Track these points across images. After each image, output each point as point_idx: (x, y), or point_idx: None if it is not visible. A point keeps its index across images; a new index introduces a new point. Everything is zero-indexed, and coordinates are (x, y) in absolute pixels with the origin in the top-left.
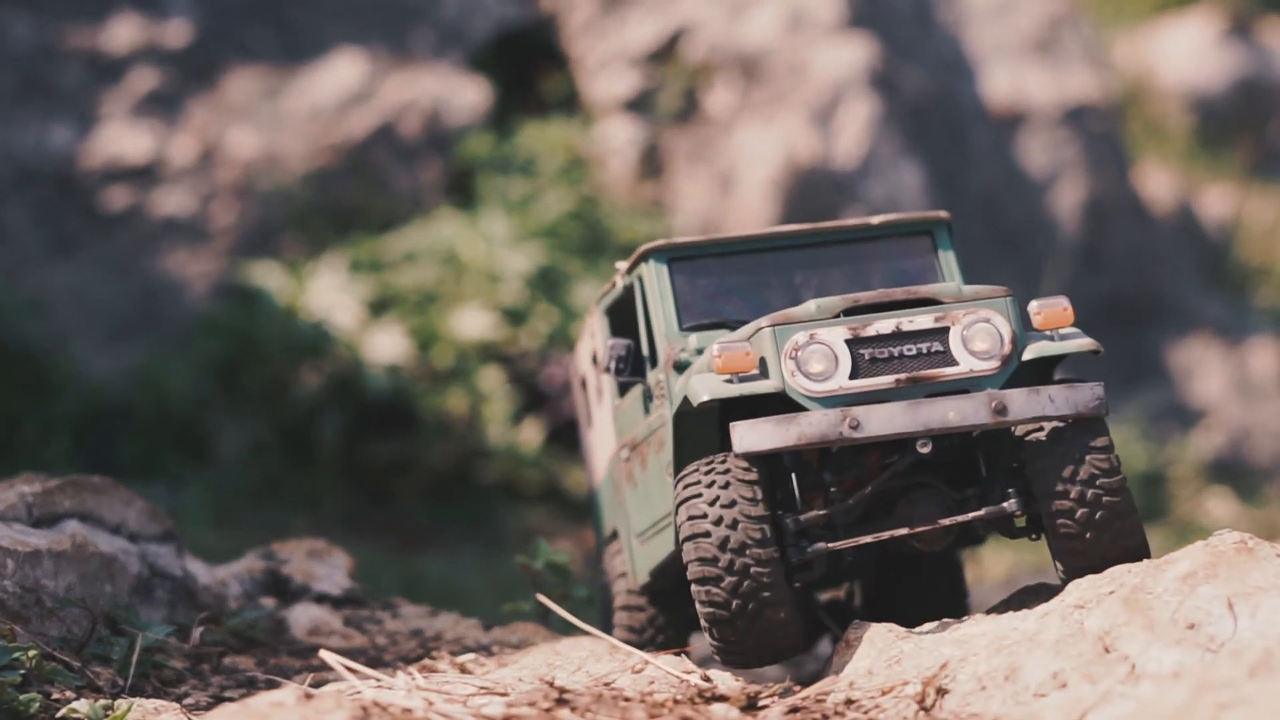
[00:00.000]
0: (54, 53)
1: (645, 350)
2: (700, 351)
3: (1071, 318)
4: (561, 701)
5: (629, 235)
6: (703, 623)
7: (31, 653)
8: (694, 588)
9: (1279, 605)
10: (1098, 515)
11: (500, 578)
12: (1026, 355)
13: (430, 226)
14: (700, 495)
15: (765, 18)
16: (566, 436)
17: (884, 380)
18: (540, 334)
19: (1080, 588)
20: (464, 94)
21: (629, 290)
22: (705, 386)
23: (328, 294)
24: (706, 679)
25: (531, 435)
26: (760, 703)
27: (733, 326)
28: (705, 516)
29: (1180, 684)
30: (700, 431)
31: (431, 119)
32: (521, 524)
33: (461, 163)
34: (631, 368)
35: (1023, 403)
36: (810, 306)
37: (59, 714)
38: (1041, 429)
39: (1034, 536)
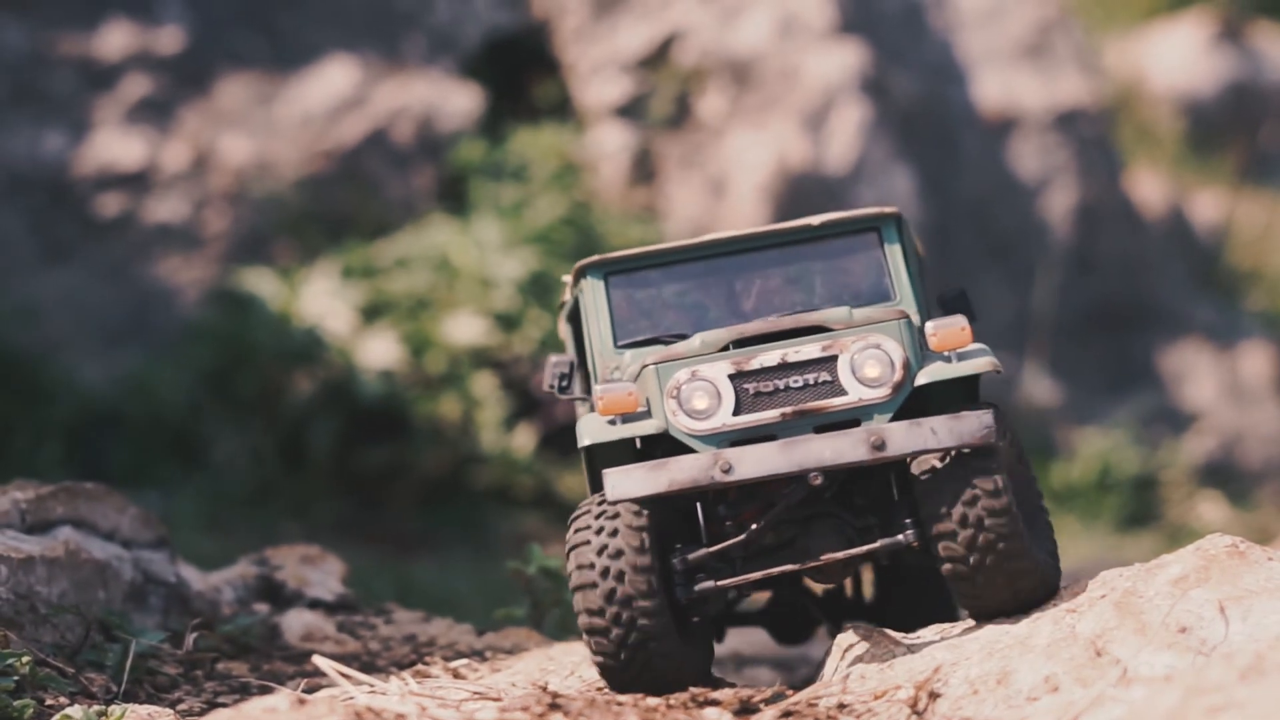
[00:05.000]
0: (46, 59)
1: (590, 366)
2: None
3: (969, 338)
4: (554, 706)
5: (621, 241)
6: (596, 670)
7: (25, 659)
8: (584, 637)
9: (1270, 609)
10: (988, 560)
11: (493, 583)
12: (919, 380)
13: (422, 232)
14: (589, 543)
15: (757, 23)
16: (559, 442)
17: (769, 415)
18: (533, 340)
19: (1072, 591)
20: (456, 100)
21: (577, 303)
22: (587, 429)
23: (320, 300)
24: None
25: (524, 441)
26: (753, 706)
27: (667, 342)
28: (593, 566)
29: (1172, 687)
30: (609, 461)
31: (423, 125)
32: (514, 529)
33: (454, 169)
34: (576, 384)
35: (902, 437)
36: (695, 341)
37: None
38: (932, 464)
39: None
